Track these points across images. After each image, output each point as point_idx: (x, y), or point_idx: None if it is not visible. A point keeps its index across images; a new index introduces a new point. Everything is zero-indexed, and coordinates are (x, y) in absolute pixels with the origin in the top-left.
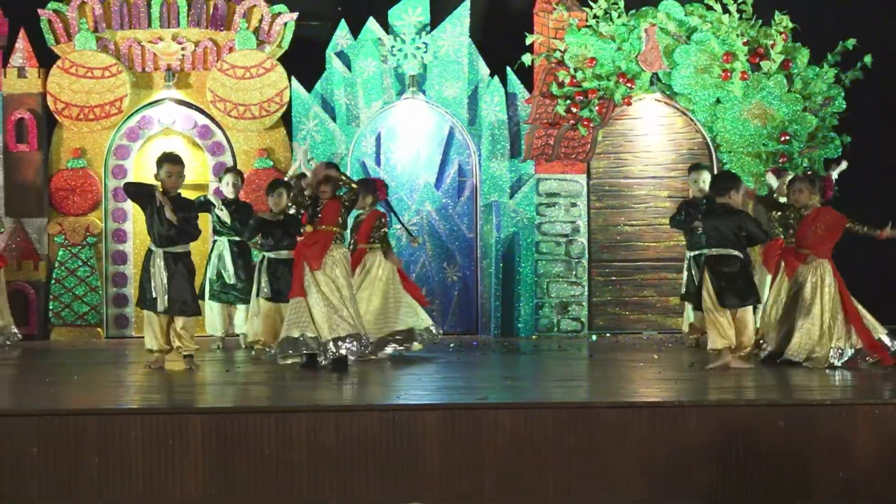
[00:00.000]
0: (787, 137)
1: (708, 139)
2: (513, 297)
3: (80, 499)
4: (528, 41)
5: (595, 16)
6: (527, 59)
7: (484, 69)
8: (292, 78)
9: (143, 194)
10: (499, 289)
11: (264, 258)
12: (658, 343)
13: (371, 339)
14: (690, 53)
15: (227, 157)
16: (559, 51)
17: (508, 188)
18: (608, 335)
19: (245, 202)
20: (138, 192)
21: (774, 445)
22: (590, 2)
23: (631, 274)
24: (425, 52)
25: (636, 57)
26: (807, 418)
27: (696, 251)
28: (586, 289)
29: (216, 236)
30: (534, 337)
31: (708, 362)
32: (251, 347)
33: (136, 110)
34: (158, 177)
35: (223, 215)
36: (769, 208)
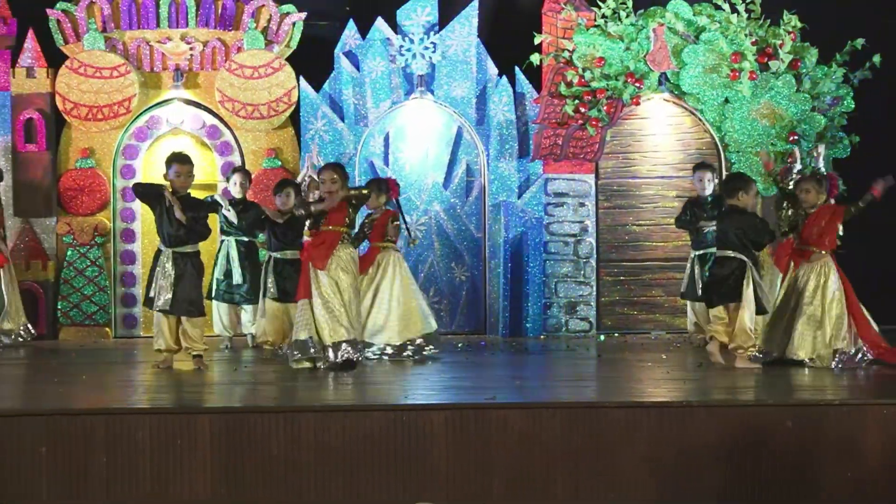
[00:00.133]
0: (796, 137)
1: (716, 139)
2: (521, 297)
3: (88, 498)
4: (536, 41)
5: (603, 15)
6: (535, 58)
7: (492, 69)
8: (300, 78)
9: (152, 194)
10: (507, 289)
11: (270, 258)
12: (666, 343)
13: (396, 342)
14: (699, 53)
15: (235, 157)
16: (567, 50)
17: (517, 188)
18: (616, 335)
19: (253, 202)
20: (147, 193)
21: (783, 445)
22: (598, 1)
23: (639, 274)
24: (433, 52)
25: (645, 57)
26: (815, 418)
27: (702, 250)
28: (594, 289)
29: (223, 236)
30: (542, 337)
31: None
32: (259, 347)
33: (145, 110)
34: (167, 177)
35: (230, 215)
36: (787, 200)
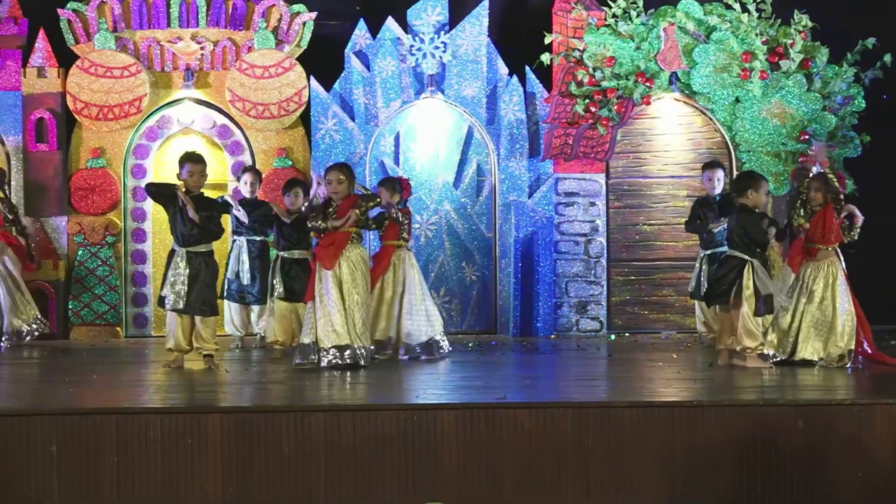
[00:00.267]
0: (807, 137)
1: (727, 138)
2: (532, 297)
3: (99, 498)
4: (546, 40)
5: (614, 15)
6: (545, 58)
7: (503, 68)
8: (311, 77)
9: (166, 194)
10: (517, 288)
11: (278, 258)
12: (677, 342)
13: (421, 340)
14: (709, 52)
15: (245, 157)
16: (578, 50)
17: (527, 188)
18: (627, 335)
19: (263, 201)
20: (160, 192)
21: (793, 445)
22: (609, 1)
23: (650, 273)
24: (444, 52)
25: (655, 56)
26: (826, 418)
27: (710, 249)
28: (605, 288)
29: (235, 236)
30: (552, 336)
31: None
32: (269, 347)
33: (155, 110)
34: (180, 176)
35: (241, 215)
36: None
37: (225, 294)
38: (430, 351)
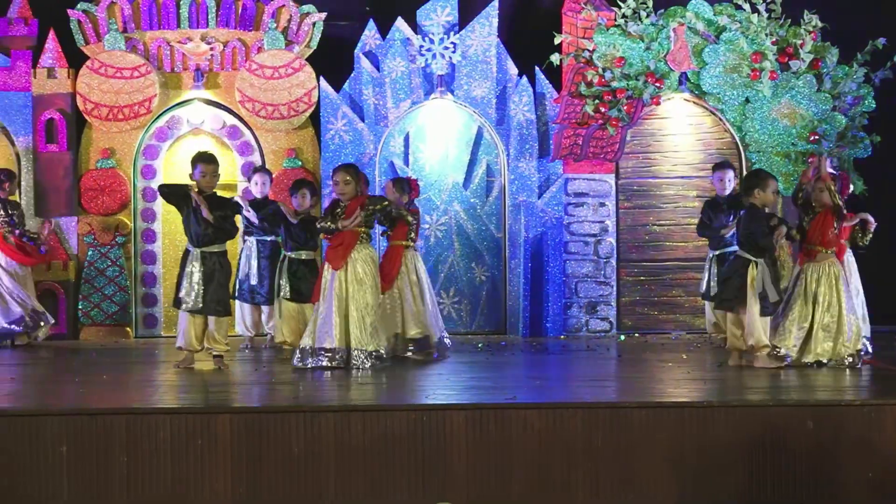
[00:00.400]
0: (817, 137)
1: (737, 139)
2: (541, 297)
3: (108, 498)
4: (556, 41)
5: (624, 15)
6: (555, 58)
7: (512, 69)
8: (321, 78)
9: (179, 195)
10: (527, 289)
11: (285, 258)
12: (687, 343)
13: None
14: (719, 53)
15: (255, 157)
16: (588, 50)
17: (537, 188)
18: (637, 335)
19: (273, 201)
20: (173, 193)
21: (803, 446)
22: (618, 1)
23: (659, 274)
24: (454, 52)
25: (665, 56)
26: (835, 419)
27: (719, 250)
28: (615, 289)
29: (246, 237)
30: (562, 337)
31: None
32: (279, 347)
33: (165, 110)
34: (193, 177)
35: (250, 216)
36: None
37: (236, 294)
38: (441, 349)
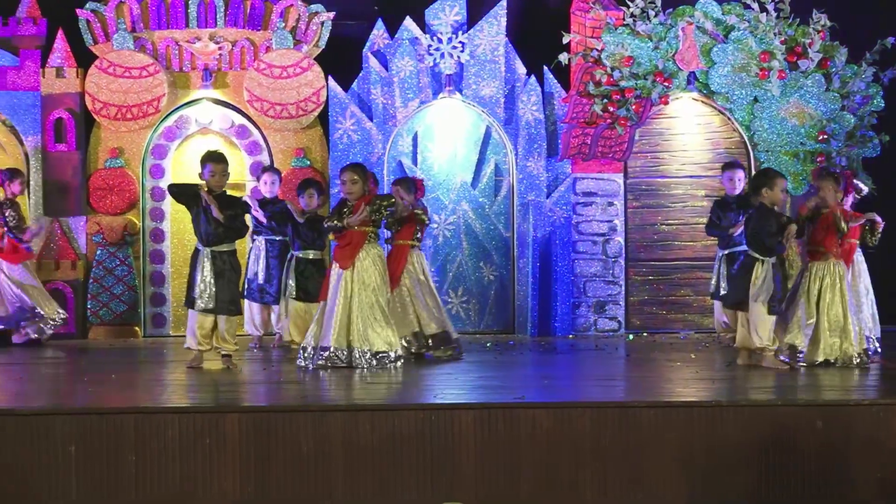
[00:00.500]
0: (825, 136)
1: (745, 138)
2: (550, 297)
3: (117, 497)
4: (564, 40)
5: (632, 14)
6: (563, 58)
7: (521, 68)
8: (329, 77)
9: (189, 194)
10: (535, 288)
11: (293, 257)
12: (695, 342)
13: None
14: (728, 52)
15: (263, 157)
16: (596, 50)
17: (545, 187)
18: (645, 334)
19: (281, 200)
20: (183, 193)
21: (812, 445)
22: (627, 0)
23: (668, 273)
24: (462, 52)
25: (673, 56)
26: (845, 418)
27: (729, 249)
28: (623, 288)
29: (255, 236)
30: (570, 336)
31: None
32: (287, 347)
33: (174, 110)
34: (202, 176)
35: (259, 215)
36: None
37: (245, 293)
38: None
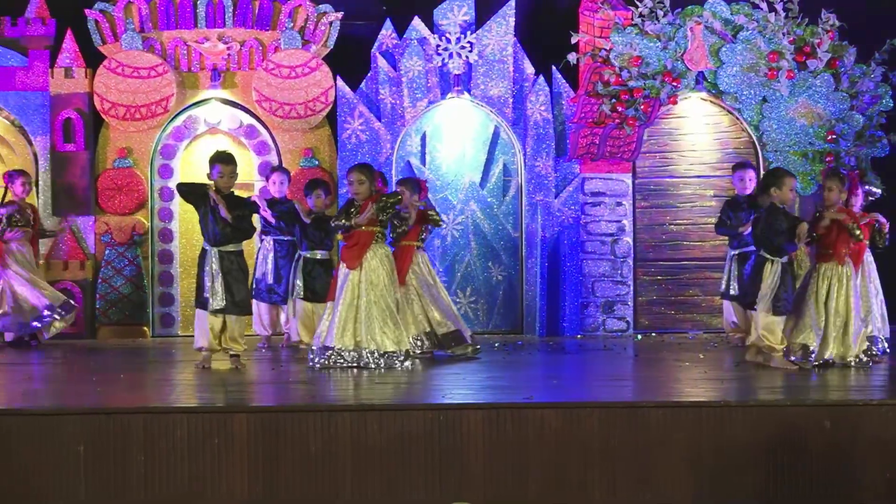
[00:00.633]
0: (834, 136)
1: (754, 138)
2: (558, 297)
3: (126, 497)
4: (573, 40)
5: (641, 14)
6: (572, 58)
7: (529, 68)
8: (337, 77)
9: (197, 194)
10: (544, 288)
11: (300, 257)
12: (704, 342)
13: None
14: (736, 52)
15: (272, 157)
16: (605, 49)
17: (553, 187)
18: (653, 335)
19: (289, 200)
20: (192, 192)
21: (820, 446)
22: (635, 0)
23: (676, 273)
24: (470, 52)
25: (682, 55)
26: (853, 418)
27: (739, 249)
28: (632, 288)
29: (263, 236)
30: (579, 336)
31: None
32: (296, 347)
33: (182, 110)
34: (211, 176)
35: (268, 215)
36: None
37: (254, 294)
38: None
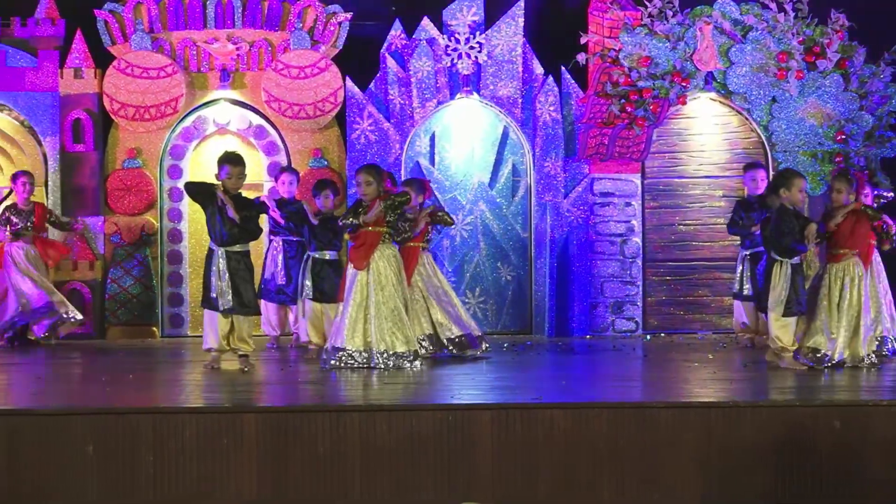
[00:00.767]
0: (844, 136)
1: (763, 138)
2: (567, 297)
3: (135, 497)
4: (582, 40)
5: (650, 14)
6: (581, 58)
7: (538, 68)
8: (346, 77)
9: (205, 193)
10: (553, 288)
11: (309, 258)
12: (713, 343)
13: (475, 333)
14: (746, 52)
15: (281, 157)
16: (614, 50)
17: (563, 188)
18: (663, 335)
19: (298, 200)
20: (199, 192)
21: (830, 446)
22: (645, 0)
23: (685, 274)
24: (479, 52)
25: (691, 56)
26: (863, 419)
27: (751, 249)
28: (641, 288)
29: (272, 236)
30: (588, 337)
31: (762, 362)
32: (304, 347)
33: (192, 110)
34: (219, 177)
35: (277, 216)
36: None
37: (262, 294)
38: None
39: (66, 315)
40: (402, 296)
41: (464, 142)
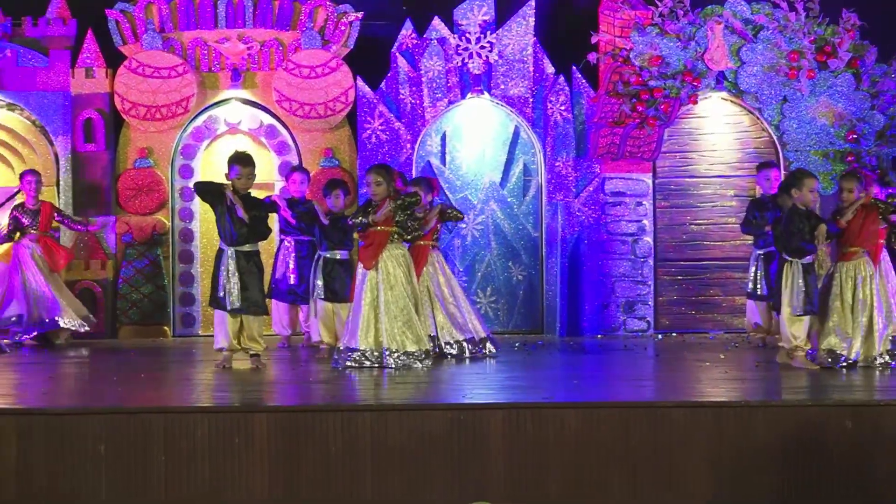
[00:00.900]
0: (855, 136)
1: (775, 138)
2: (578, 297)
3: (147, 496)
4: (593, 40)
5: (661, 14)
6: (592, 57)
7: (549, 68)
8: (357, 77)
9: (214, 193)
10: (564, 288)
11: (320, 258)
12: (724, 342)
13: (478, 336)
14: (757, 52)
15: (292, 157)
16: (625, 49)
17: (574, 187)
18: (674, 334)
19: (309, 200)
20: (209, 191)
21: (841, 446)
22: (656, 0)
23: (697, 273)
24: (490, 51)
25: (702, 55)
26: (875, 418)
27: (765, 249)
28: (652, 288)
29: (283, 236)
30: (599, 336)
31: (773, 362)
32: (316, 347)
33: (203, 110)
34: (229, 177)
35: (288, 215)
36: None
37: (273, 293)
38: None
39: (72, 326)
40: (413, 295)
41: (475, 141)
